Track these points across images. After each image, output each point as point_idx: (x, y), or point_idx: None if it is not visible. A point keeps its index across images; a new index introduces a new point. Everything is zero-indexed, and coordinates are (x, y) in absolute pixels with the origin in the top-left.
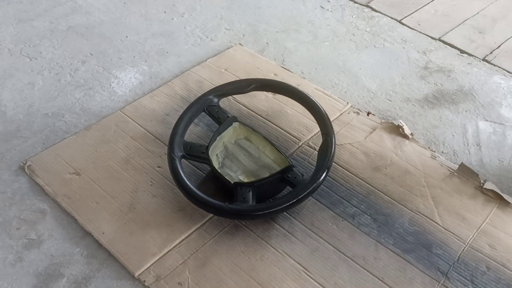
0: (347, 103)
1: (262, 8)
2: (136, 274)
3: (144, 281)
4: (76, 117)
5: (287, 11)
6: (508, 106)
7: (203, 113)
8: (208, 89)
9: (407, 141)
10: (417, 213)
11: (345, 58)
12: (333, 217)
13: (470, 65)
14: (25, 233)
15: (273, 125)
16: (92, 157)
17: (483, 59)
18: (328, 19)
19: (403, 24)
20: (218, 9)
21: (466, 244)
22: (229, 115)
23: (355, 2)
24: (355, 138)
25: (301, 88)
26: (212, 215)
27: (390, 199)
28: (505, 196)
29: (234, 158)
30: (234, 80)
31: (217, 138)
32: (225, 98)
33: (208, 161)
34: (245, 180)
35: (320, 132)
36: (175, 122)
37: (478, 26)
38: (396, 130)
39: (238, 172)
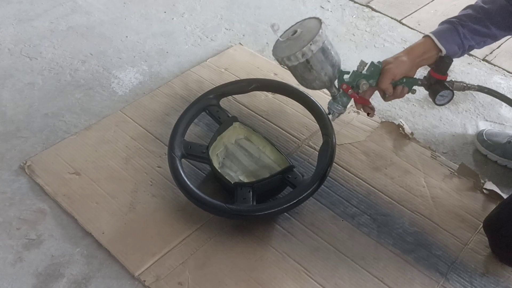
0: None
1: (262, 8)
2: (136, 274)
3: (144, 281)
4: (76, 117)
5: (287, 11)
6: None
7: (203, 113)
8: (208, 89)
9: (407, 140)
10: (417, 213)
11: (345, 58)
12: (333, 217)
13: (470, 65)
14: (25, 233)
15: (273, 125)
16: (92, 157)
17: (483, 59)
18: (328, 19)
19: (403, 24)
20: (218, 9)
21: (465, 245)
22: (229, 115)
23: (355, 2)
24: (355, 138)
25: (301, 88)
26: (212, 215)
27: (390, 199)
28: (505, 197)
29: (234, 158)
30: (234, 80)
31: (217, 138)
32: (225, 98)
33: (208, 161)
34: (245, 180)
35: (320, 132)
36: (175, 122)
37: None
38: (397, 130)
39: (238, 172)
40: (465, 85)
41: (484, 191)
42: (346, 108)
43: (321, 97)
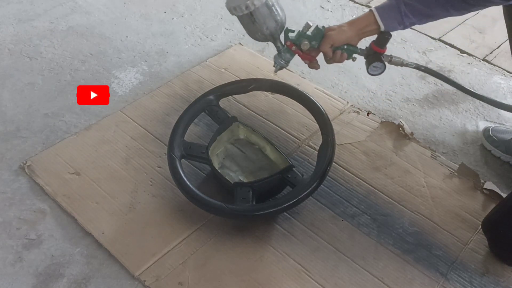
0: (347, 102)
1: None
2: (136, 274)
3: (144, 281)
4: (76, 117)
5: (287, 11)
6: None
7: (203, 113)
8: (208, 89)
9: (407, 140)
10: (417, 213)
11: None
12: (333, 217)
13: (470, 65)
14: (25, 233)
15: (273, 125)
16: (92, 157)
17: (483, 59)
18: (328, 19)
19: None
20: (218, 9)
21: (465, 245)
22: (229, 115)
23: (355, 2)
24: (355, 138)
25: (301, 88)
26: (212, 215)
27: (390, 199)
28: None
29: (234, 158)
30: (234, 80)
31: (217, 138)
32: (225, 98)
33: (208, 161)
34: (245, 180)
35: (320, 132)
36: (175, 122)
37: (478, 26)
38: (397, 130)
39: (238, 172)
40: (402, 61)
41: (484, 191)
42: (288, 64)
43: (321, 97)
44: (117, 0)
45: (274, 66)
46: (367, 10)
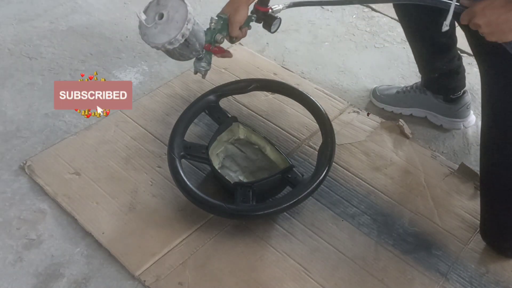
0: (347, 102)
1: None
2: (136, 274)
3: (144, 281)
4: (76, 117)
5: (287, 11)
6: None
7: (203, 113)
8: (208, 89)
9: (407, 140)
10: (417, 213)
11: (345, 58)
12: (333, 217)
13: (470, 65)
14: (25, 233)
15: (273, 125)
16: (92, 157)
17: None
18: (328, 19)
19: None
20: (218, 9)
21: (465, 245)
22: (229, 115)
23: None
24: (355, 138)
25: (301, 88)
26: (212, 215)
27: (390, 199)
28: None
29: (234, 158)
30: (234, 80)
31: (217, 138)
32: (225, 98)
33: (208, 161)
34: (245, 180)
35: (320, 132)
36: (175, 122)
37: None
38: (396, 130)
39: (238, 172)
40: (281, 7)
41: None
42: (211, 64)
43: (321, 97)
44: (117, 0)
45: (198, 73)
46: (367, 10)
